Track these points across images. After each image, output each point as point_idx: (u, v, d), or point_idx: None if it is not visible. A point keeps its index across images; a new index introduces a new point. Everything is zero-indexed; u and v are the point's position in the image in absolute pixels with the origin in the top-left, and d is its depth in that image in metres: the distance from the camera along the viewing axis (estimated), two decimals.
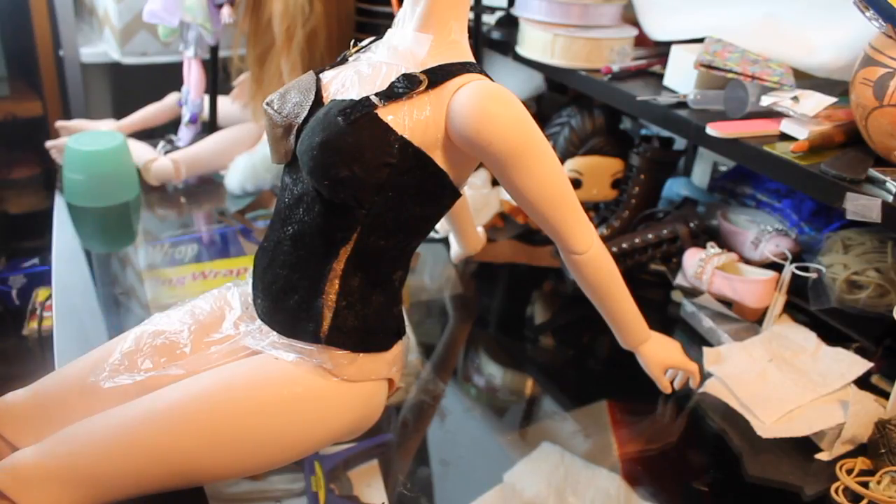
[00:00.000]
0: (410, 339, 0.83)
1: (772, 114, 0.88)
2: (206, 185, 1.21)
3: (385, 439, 0.71)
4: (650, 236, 1.01)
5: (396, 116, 0.57)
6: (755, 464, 0.72)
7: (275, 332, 0.63)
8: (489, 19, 1.30)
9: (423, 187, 0.60)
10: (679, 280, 0.98)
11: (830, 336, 0.87)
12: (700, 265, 0.94)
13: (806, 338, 0.87)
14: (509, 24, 1.23)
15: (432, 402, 0.78)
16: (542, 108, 1.34)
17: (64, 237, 1.02)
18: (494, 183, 1.13)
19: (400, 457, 0.71)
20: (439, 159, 0.59)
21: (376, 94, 0.58)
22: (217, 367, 0.62)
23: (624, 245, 1.00)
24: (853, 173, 0.75)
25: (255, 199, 1.13)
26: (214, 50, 1.19)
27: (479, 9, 1.20)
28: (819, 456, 0.73)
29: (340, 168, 0.56)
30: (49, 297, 1.26)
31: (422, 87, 0.58)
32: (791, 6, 0.99)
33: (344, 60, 0.67)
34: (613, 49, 1.07)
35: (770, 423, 0.75)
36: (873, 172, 0.75)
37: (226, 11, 1.09)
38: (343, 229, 0.60)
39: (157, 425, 0.56)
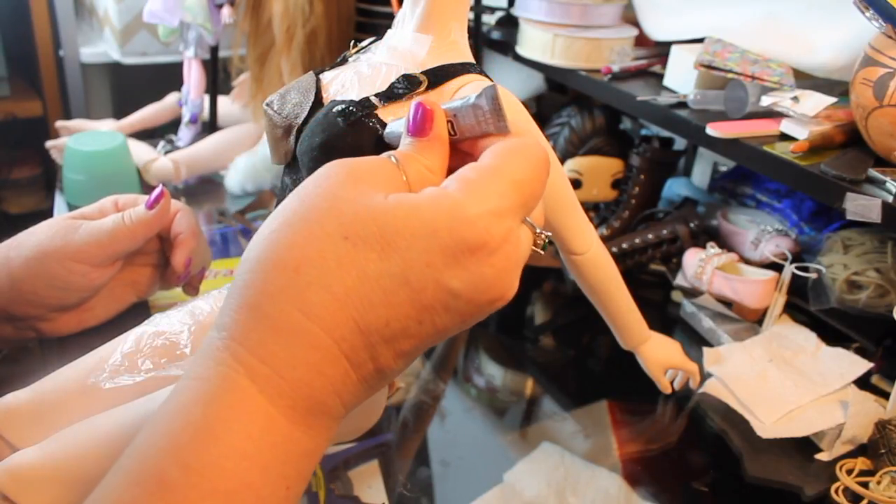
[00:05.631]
0: None
1: (772, 114, 0.88)
2: (206, 186, 1.20)
3: (385, 439, 0.71)
4: (650, 236, 1.01)
5: (396, 117, 0.57)
6: (755, 464, 0.72)
7: None
8: (489, 19, 1.30)
9: None
10: (679, 280, 0.98)
11: (830, 336, 0.87)
12: (700, 265, 0.94)
13: (806, 338, 0.87)
14: (509, 24, 1.23)
15: (432, 402, 0.78)
16: (542, 108, 1.34)
17: None
18: None
19: (400, 457, 0.71)
20: None
21: (376, 95, 0.58)
22: None
23: (624, 245, 1.00)
24: (853, 173, 0.75)
25: (256, 199, 1.13)
26: (214, 50, 1.18)
27: (479, 9, 1.20)
28: (819, 456, 0.73)
29: None
30: None
31: (422, 88, 0.58)
32: (791, 6, 0.99)
33: (344, 61, 0.67)
34: (613, 49, 1.07)
35: (770, 423, 0.75)
36: (873, 172, 0.75)
37: (226, 11, 1.09)
38: None
39: None
